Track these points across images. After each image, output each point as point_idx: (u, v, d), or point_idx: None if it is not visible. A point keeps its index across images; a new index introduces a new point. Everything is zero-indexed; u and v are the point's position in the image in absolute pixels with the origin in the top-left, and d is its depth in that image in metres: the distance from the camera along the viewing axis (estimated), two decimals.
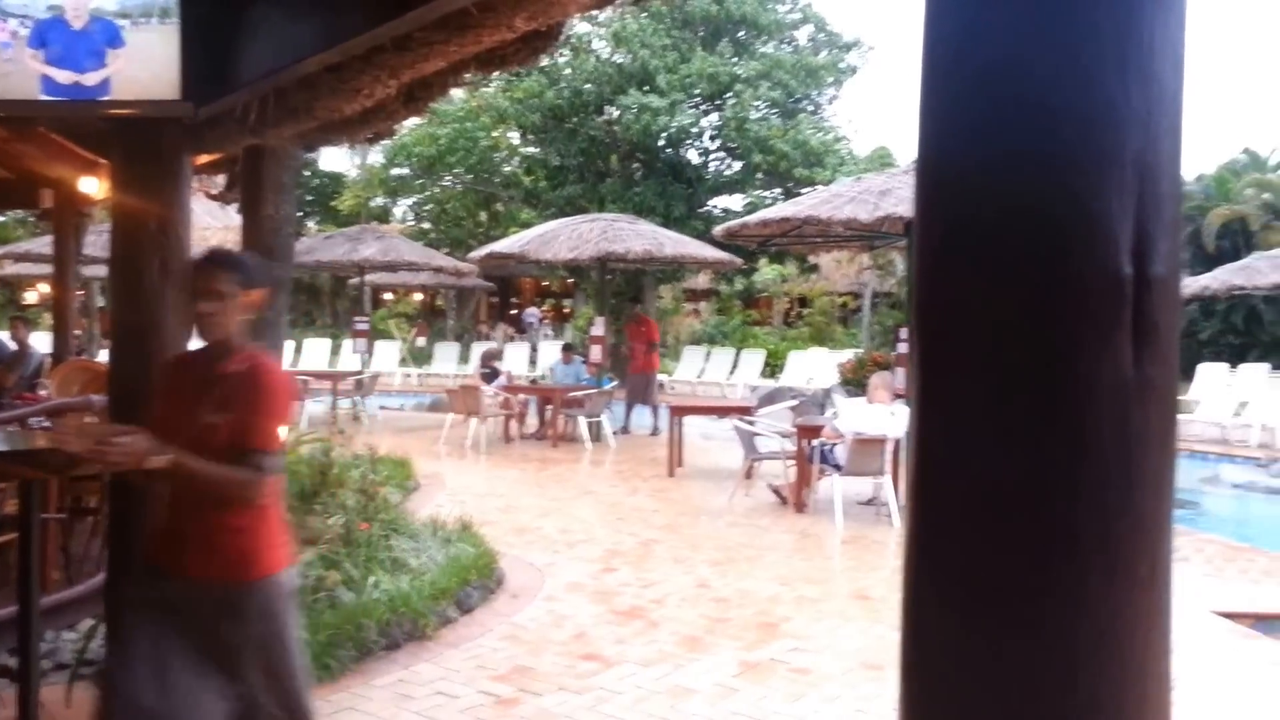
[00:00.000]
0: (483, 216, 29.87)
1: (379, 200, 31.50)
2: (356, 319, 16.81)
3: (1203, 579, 6.53)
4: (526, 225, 21.45)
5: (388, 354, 21.52)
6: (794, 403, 11.48)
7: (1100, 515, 1.05)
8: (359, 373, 15.36)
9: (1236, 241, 24.26)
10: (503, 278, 32.08)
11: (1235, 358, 19.86)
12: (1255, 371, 15.38)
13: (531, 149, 26.01)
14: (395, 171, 28.24)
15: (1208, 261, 21.06)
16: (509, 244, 14.69)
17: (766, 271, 28.69)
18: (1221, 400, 14.93)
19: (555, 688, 4.21)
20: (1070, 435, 1.04)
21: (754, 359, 20.80)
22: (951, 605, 1.10)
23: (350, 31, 3.08)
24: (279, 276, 5.41)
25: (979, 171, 1.08)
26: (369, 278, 19.95)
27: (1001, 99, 1.06)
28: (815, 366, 19.41)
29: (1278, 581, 6.47)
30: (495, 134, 25.72)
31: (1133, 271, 1.03)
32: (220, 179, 6.56)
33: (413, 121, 24.57)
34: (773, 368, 21.07)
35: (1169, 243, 1.06)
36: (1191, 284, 15.82)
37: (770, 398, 13.07)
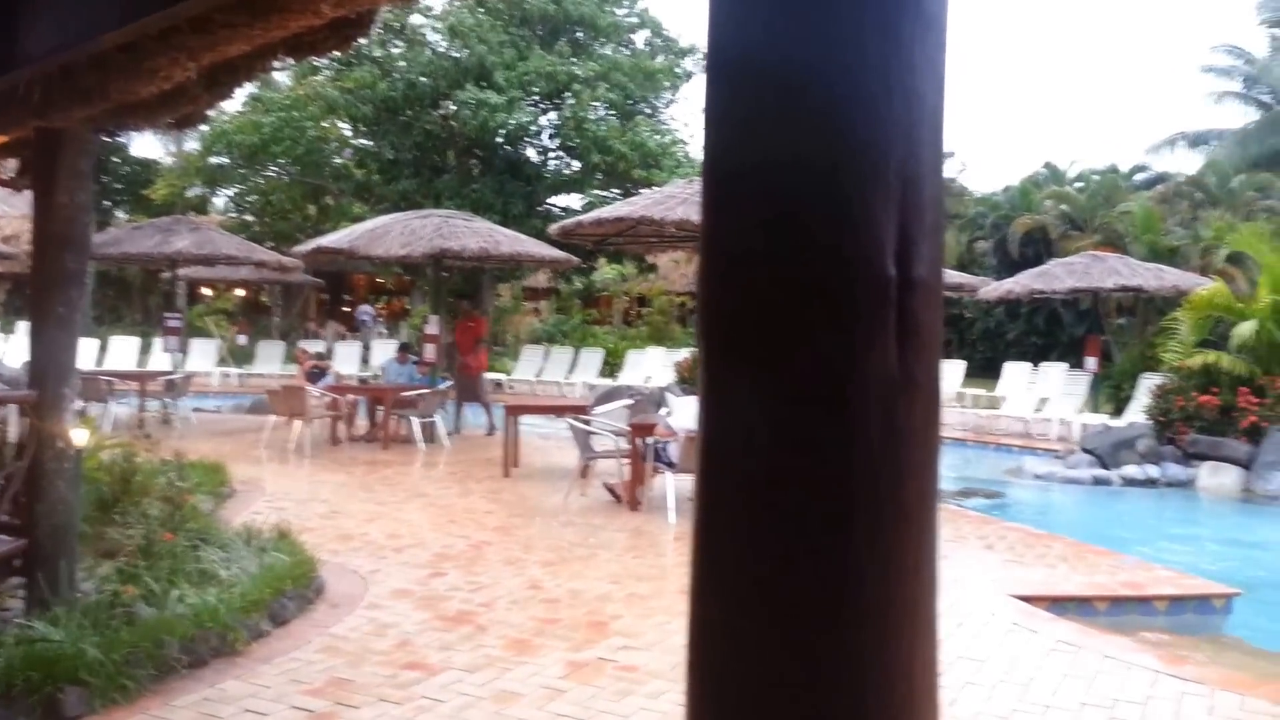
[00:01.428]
0: (311, 210, 28.72)
1: (196, 190, 29.78)
2: (168, 315, 15.83)
3: (1004, 565, 6.99)
4: (358, 220, 20.77)
5: (205, 353, 20.42)
6: (630, 401, 11.59)
7: (869, 507, 1.09)
8: (170, 373, 14.49)
9: (1038, 249, 26.20)
10: (334, 273, 30.96)
11: (1038, 357, 21.42)
12: (1055, 370, 16.59)
13: (364, 141, 25.20)
14: (214, 160, 26.74)
15: (1012, 267, 22.61)
16: (337, 239, 14.18)
17: (606, 271, 28.90)
18: (1024, 397, 16.04)
19: (374, 699, 4.08)
20: (840, 430, 1.08)
21: (593, 358, 20.90)
22: (728, 598, 1.12)
23: (144, 9, 2.88)
24: (75, 269, 5.03)
25: (756, 177, 1.11)
26: (183, 272, 18.86)
27: (777, 110, 1.09)
28: (653, 365, 19.69)
29: (1072, 566, 6.99)
30: (325, 124, 24.78)
31: (896, 274, 1.07)
32: (13, 164, 6.05)
33: (234, 107, 23.35)
34: (612, 366, 21.24)
35: (930, 247, 1.11)
36: (997, 288, 16.92)
37: (607, 396, 13.17)
